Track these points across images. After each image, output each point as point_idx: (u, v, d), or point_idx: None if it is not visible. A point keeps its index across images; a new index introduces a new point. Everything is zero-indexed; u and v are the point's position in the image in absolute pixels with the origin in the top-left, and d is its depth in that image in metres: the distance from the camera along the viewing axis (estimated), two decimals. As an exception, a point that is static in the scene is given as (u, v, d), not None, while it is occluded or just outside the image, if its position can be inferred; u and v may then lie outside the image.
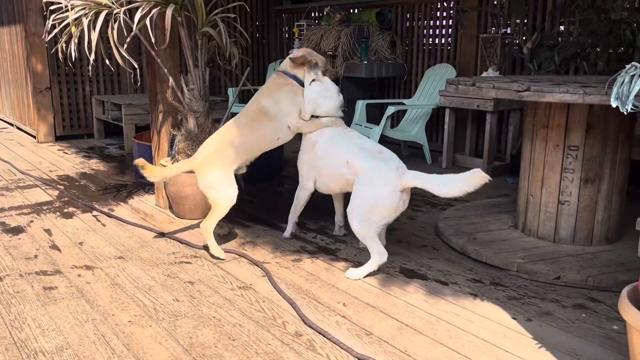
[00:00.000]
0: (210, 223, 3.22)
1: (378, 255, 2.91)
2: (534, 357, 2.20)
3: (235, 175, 3.37)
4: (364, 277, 2.91)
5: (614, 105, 1.76)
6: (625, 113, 1.75)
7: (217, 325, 2.45)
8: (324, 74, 3.39)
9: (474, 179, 2.70)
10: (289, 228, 3.53)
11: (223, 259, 3.18)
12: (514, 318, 2.51)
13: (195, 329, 2.41)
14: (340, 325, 2.45)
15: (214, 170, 3.23)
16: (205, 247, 3.30)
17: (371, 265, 2.93)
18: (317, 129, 3.28)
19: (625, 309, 1.84)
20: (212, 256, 3.21)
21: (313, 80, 3.32)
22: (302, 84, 3.32)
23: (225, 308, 2.60)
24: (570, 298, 2.71)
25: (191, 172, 3.35)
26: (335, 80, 6.13)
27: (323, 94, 3.31)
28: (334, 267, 3.08)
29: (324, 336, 2.35)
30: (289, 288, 2.81)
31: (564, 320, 2.49)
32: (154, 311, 2.57)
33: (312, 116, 3.30)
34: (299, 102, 3.30)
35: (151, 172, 3.32)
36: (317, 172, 3.30)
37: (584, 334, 2.38)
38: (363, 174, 2.97)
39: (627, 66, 1.74)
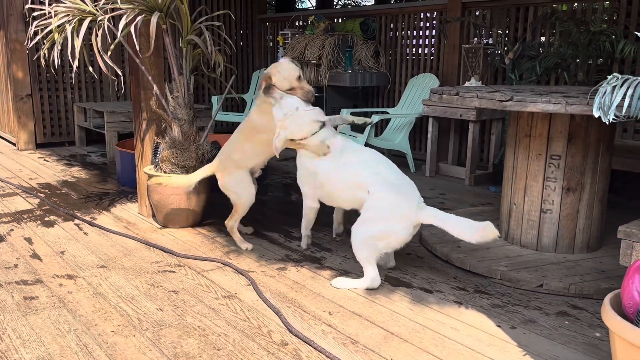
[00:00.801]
0: (232, 221, 3.51)
1: (370, 280, 2.88)
2: (519, 365, 2.21)
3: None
4: (348, 289, 2.90)
5: (596, 115, 1.79)
6: (607, 123, 1.78)
7: (201, 335, 2.43)
8: (299, 90, 3.26)
9: (486, 232, 2.68)
10: (304, 240, 3.49)
11: (247, 249, 3.45)
12: (499, 326, 2.52)
13: (180, 339, 2.39)
14: (326, 334, 2.44)
15: (229, 173, 3.46)
16: (188, 257, 3.28)
17: (360, 284, 2.89)
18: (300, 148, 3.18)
19: (608, 316, 1.86)
20: (240, 250, 3.44)
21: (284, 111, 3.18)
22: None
23: (210, 317, 2.58)
24: (553, 305, 2.73)
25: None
26: (319, 90, 6.17)
27: (293, 121, 3.11)
28: (320, 276, 3.07)
29: (310, 345, 2.34)
30: (274, 297, 2.80)
31: (548, 328, 2.51)
32: (137, 321, 2.54)
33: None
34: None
35: (177, 182, 3.58)
36: (324, 192, 3.17)
37: (567, 341, 2.40)
38: (382, 205, 2.88)
39: (609, 77, 1.78)
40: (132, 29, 3.33)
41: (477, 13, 5.69)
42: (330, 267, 3.21)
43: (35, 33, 3.66)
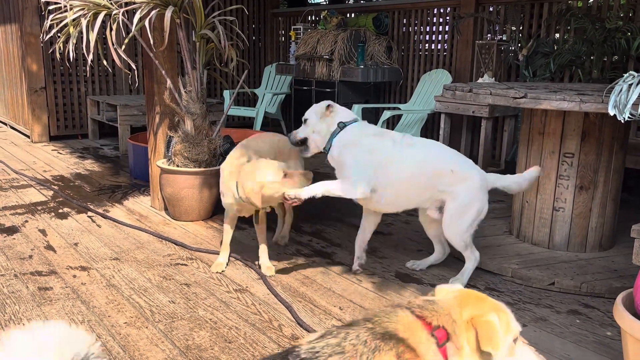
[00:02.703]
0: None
1: (475, 259, 2.90)
2: (529, 362, 2.21)
3: None
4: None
5: (611, 113, 1.78)
6: (622, 121, 1.77)
7: (213, 327, 2.45)
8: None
9: (531, 175, 2.92)
10: (357, 261, 3.12)
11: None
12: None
13: (192, 331, 2.41)
14: (336, 328, 2.45)
15: None
16: (201, 250, 3.31)
17: (470, 268, 2.90)
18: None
19: (621, 315, 1.86)
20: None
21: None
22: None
23: (222, 310, 2.61)
24: (564, 304, 2.73)
25: None
26: (331, 85, 6.16)
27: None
28: (330, 271, 3.08)
29: (320, 339, 2.35)
30: (285, 291, 2.82)
31: (558, 326, 2.51)
32: (150, 313, 2.57)
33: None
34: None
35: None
36: (384, 187, 2.79)
37: (578, 340, 2.40)
38: (473, 185, 2.78)
39: (625, 75, 1.77)
40: (146, 23, 3.35)
41: (490, 9, 5.65)
42: (341, 262, 3.22)
43: (51, 26, 3.69)
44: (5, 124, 8.08)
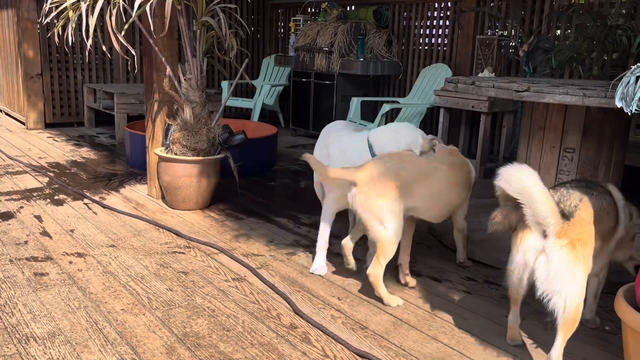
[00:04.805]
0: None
1: None
2: (529, 355, 2.21)
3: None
4: None
5: (618, 105, 1.78)
6: (629, 114, 1.77)
7: (211, 315, 2.44)
8: None
9: None
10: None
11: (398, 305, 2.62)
12: (506, 316, 2.51)
13: (190, 319, 2.40)
14: (335, 318, 2.45)
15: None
16: (199, 242, 3.29)
17: None
18: None
19: (622, 308, 1.86)
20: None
21: None
22: None
23: (220, 299, 2.59)
24: (562, 298, 2.72)
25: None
26: (330, 77, 6.10)
27: None
28: (328, 262, 3.07)
29: (319, 329, 2.34)
30: (284, 281, 2.81)
31: (557, 320, 2.50)
32: (147, 300, 2.55)
33: None
34: None
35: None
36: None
37: (577, 334, 2.38)
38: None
39: (633, 67, 1.76)
40: (147, 8, 3.32)
41: (492, 4, 5.64)
42: (339, 253, 3.20)
43: (49, 10, 3.65)
44: (0, 111, 8.01)
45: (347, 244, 2.71)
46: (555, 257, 1.92)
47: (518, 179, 1.93)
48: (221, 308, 2.50)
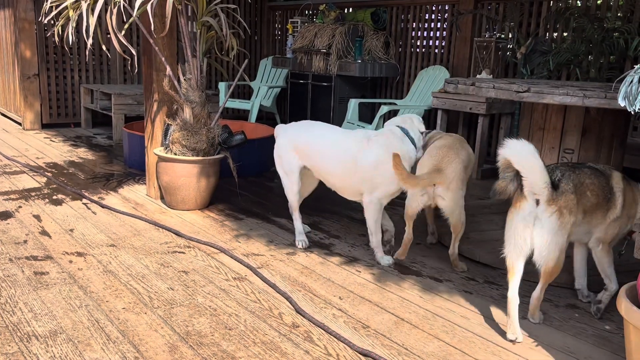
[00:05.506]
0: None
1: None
2: (531, 354, 2.22)
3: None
4: None
5: (622, 104, 1.79)
6: (632, 113, 1.78)
7: (213, 314, 2.43)
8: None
9: None
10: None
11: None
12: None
13: (191, 318, 2.39)
14: (336, 317, 2.45)
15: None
16: (199, 241, 3.29)
17: None
18: None
19: (625, 306, 1.87)
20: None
21: None
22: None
23: (221, 298, 2.59)
24: (562, 298, 2.74)
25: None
26: (327, 79, 6.11)
27: None
28: (329, 262, 3.08)
29: (321, 328, 2.34)
30: (285, 280, 2.81)
31: (558, 319, 2.52)
32: (148, 299, 2.55)
33: None
34: None
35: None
36: None
37: (577, 333, 2.41)
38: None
39: (636, 66, 1.78)
40: (148, 7, 3.32)
41: (489, 7, 5.67)
42: (339, 253, 3.21)
43: (50, 9, 3.64)
44: (-4, 111, 7.98)
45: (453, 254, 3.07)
46: (546, 222, 2.25)
47: (523, 151, 2.20)
48: (223, 307, 2.50)
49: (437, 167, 2.86)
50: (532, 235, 2.29)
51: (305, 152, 3.18)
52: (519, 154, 2.21)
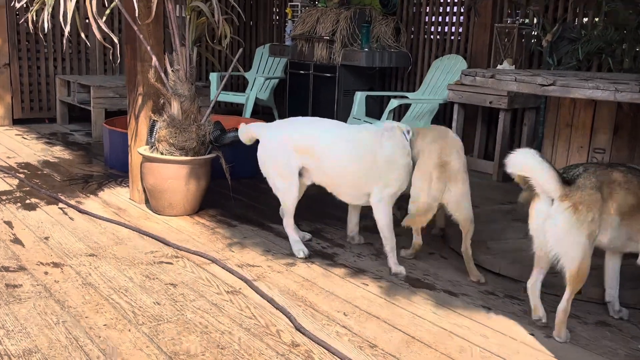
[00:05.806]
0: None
1: None
2: (555, 376, 2.25)
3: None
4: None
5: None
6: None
7: (203, 332, 2.46)
8: None
9: None
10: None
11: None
12: (532, 334, 2.56)
13: (180, 335, 2.42)
14: (340, 335, 2.48)
15: None
16: (188, 250, 3.32)
17: None
18: None
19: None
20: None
21: None
22: None
23: (213, 314, 2.62)
24: (592, 314, 2.76)
25: None
26: (331, 70, 6.14)
27: None
28: (332, 273, 3.11)
29: (323, 347, 2.37)
30: (283, 294, 2.84)
31: (586, 338, 2.54)
32: (132, 314, 2.58)
33: None
34: None
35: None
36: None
37: (607, 353, 2.43)
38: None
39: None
40: (132, -8, 3.35)
41: (512, -11, 5.69)
42: (344, 264, 3.24)
43: (23, -7, 3.68)
44: (-38, 105, 8.03)
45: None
46: (559, 219, 2.39)
47: (517, 160, 2.43)
48: (215, 324, 2.53)
49: (441, 162, 3.06)
50: (550, 236, 2.45)
51: (310, 150, 3.21)
52: (514, 163, 2.44)
